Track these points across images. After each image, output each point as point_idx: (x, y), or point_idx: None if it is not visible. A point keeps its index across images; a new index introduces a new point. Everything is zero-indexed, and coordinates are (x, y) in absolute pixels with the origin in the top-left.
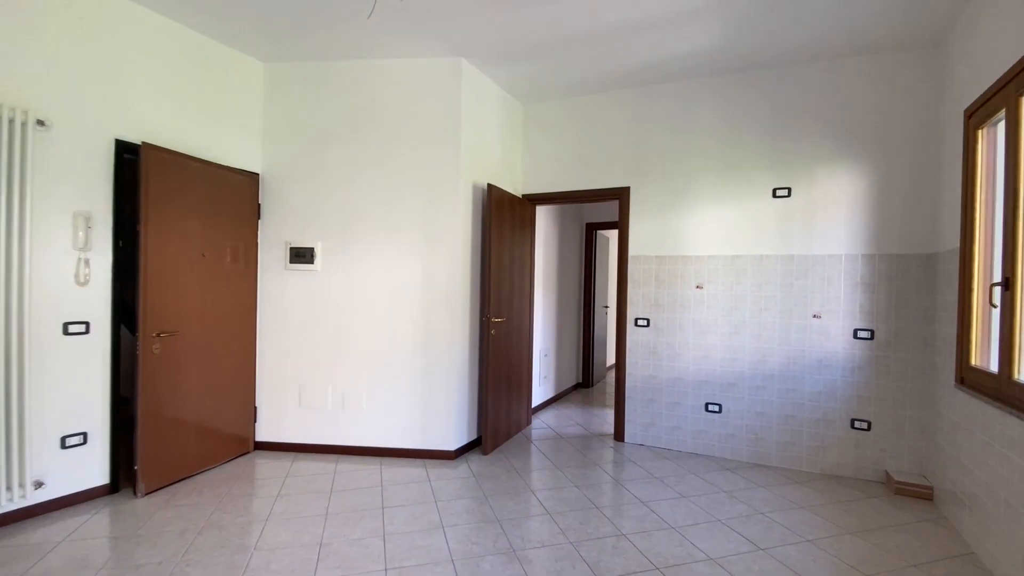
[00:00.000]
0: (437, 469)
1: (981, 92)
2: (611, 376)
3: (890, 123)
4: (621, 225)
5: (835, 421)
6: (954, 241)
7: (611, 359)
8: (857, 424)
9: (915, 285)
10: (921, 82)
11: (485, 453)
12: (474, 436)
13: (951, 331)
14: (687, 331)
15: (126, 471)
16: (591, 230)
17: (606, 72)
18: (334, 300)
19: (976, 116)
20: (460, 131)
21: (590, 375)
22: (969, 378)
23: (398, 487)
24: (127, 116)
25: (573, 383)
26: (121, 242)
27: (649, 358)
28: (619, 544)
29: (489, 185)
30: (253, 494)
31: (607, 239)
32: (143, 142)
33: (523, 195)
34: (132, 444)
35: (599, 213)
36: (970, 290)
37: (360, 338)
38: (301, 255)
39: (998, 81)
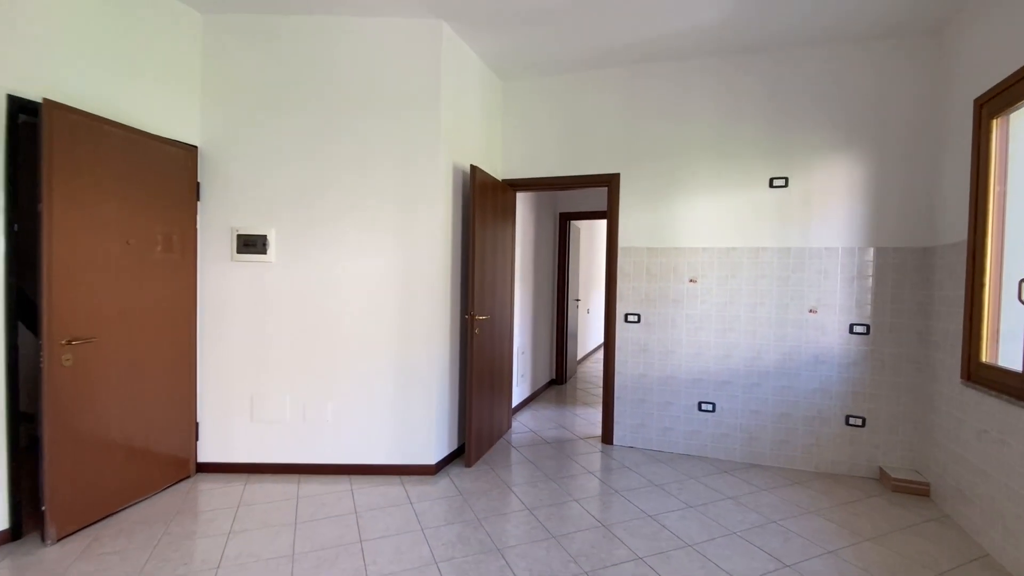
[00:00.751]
0: (417, 487)
1: (997, 81)
2: (582, 371)
3: (888, 112)
4: (610, 215)
5: (830, 419)
6: (956, 234)
7: (581, 353)
8: (852, 421)
9: (911, 279)
10: (920, 71)
11: (468, 465)
12: (455, 446)
13: (950, 326)
14: (680, 327)
15: (31, 511)
16: (565, 220)
17: (596, 48)
18: (292, 296)
19: (990, 105)
20: (440, 103)
21: (563, 371)
22: (980, 375)
23: (376, 512)
24: (23, 66)
25: (547, 380)
26: (17, 225)
27: (640, 356)
28: (638, 571)
29: (473, 167)
30: (198, 532)
31: (579, 229)
32: (44, 99)
33: (503, 180)
34: (38, 476)
35: (573, 202)
36: (981, 285)
37: (324, 340)
38: (251, 244)
39: (1021, 70)
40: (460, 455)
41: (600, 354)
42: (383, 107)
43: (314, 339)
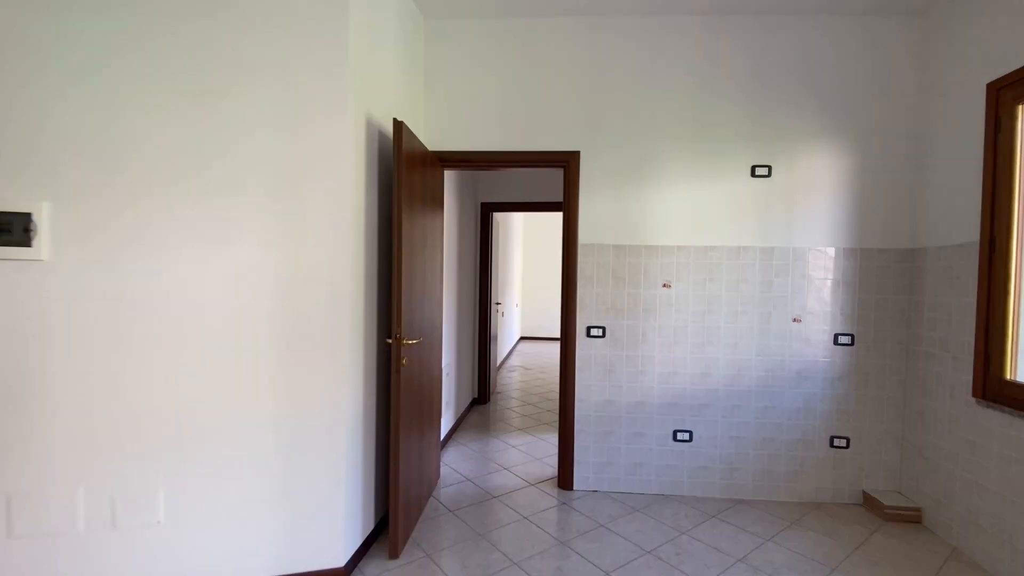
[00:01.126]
0: None
1: (1017, 65)
2: (502, 384)
3: (879, 96)
4: (568, 203)
5: (814, 441)
6: (960, 235)
7: (498, 361)
8: (836, 442)
9: (901, 283)
10: (920, 52)
11: (394, 556)
12: (371, 525)
13: (950, 336)
14: (652, 342)
15: None
16: (487, 211)
17: None
18: (87, 319)
19: (1013, 89)
20: (348, 18)
21: (487, 388)
22: (1004, 394)
23: None
24: None
25: (470, 400)
26: None
27: (605, 379)
28: None
29: (397, 123)
30: None
31: (498, 222)
32: None
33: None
34: None
35: (497, 191)
36: (1005, 292)
37: (149, 389)
38: (3, 229)
39: None
40: (380, 534)
41: (514, 360)
42: (256, 16)
43: (129, 389)
